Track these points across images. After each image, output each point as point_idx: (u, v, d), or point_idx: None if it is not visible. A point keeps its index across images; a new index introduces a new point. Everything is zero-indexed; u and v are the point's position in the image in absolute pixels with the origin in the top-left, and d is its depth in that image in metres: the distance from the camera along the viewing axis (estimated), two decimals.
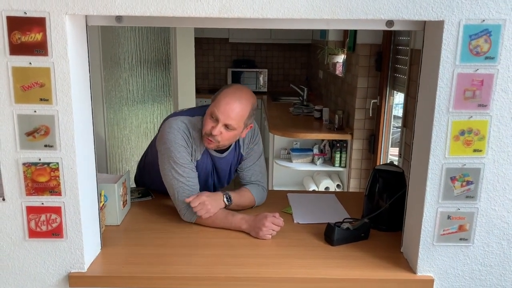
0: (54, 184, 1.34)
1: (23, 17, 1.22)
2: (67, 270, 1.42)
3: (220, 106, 1.65)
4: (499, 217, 1.39)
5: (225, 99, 1.65)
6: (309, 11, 1.24)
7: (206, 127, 1.68)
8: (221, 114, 1.64)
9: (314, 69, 5.82)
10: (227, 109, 1.64)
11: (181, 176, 1.71)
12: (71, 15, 1.25)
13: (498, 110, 1.30)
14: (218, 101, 1.67)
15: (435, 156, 1.33)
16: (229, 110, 1.64)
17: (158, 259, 1.48)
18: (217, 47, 6.34)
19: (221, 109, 1.64)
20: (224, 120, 1.65)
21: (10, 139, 1.31)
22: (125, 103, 3.25)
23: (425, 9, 1.23)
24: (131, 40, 3.21)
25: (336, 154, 3.70)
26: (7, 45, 1.23)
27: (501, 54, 1.26)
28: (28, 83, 1.27)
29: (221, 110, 1.64)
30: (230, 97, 1.66)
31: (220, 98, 1.67)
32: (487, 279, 1.44)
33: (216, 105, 1.66)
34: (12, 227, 1.38)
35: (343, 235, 1.59)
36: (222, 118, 1.64)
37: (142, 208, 1.89)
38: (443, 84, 1.28)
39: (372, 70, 3.39)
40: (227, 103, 1.65)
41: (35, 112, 1.29)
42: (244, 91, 1.71)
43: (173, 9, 1.23)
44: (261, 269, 1.44)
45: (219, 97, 1.68)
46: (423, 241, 1.40)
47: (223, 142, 1.71)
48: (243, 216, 1.69)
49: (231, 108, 1.64)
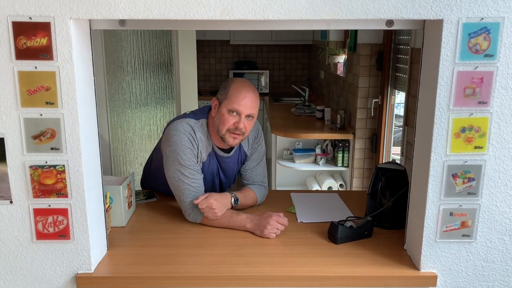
0: (60, 186, 1.36)
1: (28, 22, 1.24)
2: (74, 271, 1.44)
3: (239, 101, 1.70)
4: (501, 213, 1.40)
5: (241, 93, 1.71)
6: (310, 12, 1.26)
7: (228, 124, 1.72)
8: (242, 107, 1.70)
9: (315, 69, 5.83)
10: (246, 101, 1.70)
11: (187, 177, 1.72)
12: (75, 20, 1.27)
13: (498, 107, 1.31)
14: (232, 96, 1.71)
15: (437, 154, 1.35)
16: (248, 102, 1.71)
17: (164, 259, 1.49)
18: (219, 49, 6.36)
19: (241, 103, 1.70)
20: (246, 112, 1.71)
21: (17, 143, 1.33)
22: (128, 106, 3.27)
23: (424, 8, 1.25)
24: (134, 43, 3.24)
25: (339, 154, 3.71)
26: (13, 50, 1.26)
27: (500, 52, 1.27)
28: (34, 87, 1.29)
29: (242, 103, 1.70)
30: (244, 89, 1.72)
31: (234, 94, 1.71)
32: (490, 275, 1.45)
33: (233, 101, 1.70)
34: (20, 229, 1.40)
35: (346, 234, 1.60)
36: (244, 110, 1.70)
37: (147, 210, 1.90)
38: (443, 82, 1.29)
39: (373, 69, 3.40)
40: (245, 96, 1.70)
41: (41, 115, 1.31)
42: (248, 81, 1.80)
43: (176, 12, 1.25)
44: (266, 267, 1.45)
45: (231, 93, 1.71)
46: (426, 238, 1.41)
47: (247, 133, 1.77)
48: (248, 216, 1.70)
49: (250, 99, 1.71)
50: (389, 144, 3.38)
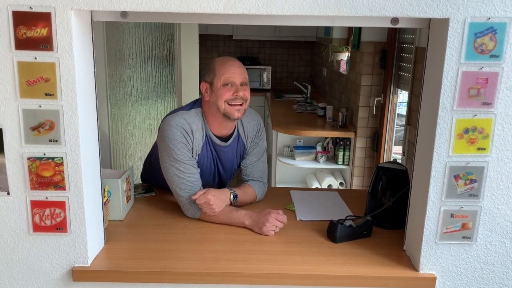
0: (58, 179, 1.35)
1: (28, 12, 1.23)
2: (71, 265, 1.43)
3: (229, 70, 1.72)
4: (502, 216, 1.38)
5: (227, 63, 1.74)
6: (314, 7, 1.24)
7: (227, 95, 1.72)
8: (235, 75, 1.72)
9: (318, 66, 5.81)
10: (235, 69, 1.73)
11: (182, 172, 1.71)
12: (76, 10, 1.25)
13: (503, 109, 1.30)
14: (221, 69, 1.72)
15: (439, 154, 1.33)
16: (237, 70, 1.73)
17: (161, 254, 1.48)
18: (221, 44, 6.34)
19: (231, 71, 1.72)
20: (239, 79, 1.73)
21: (15, 134, 1.32)
22: (129, 99, 3.26)
23: (430, 7, 1.23)
24: (136, 36, 3.22)
25: (340, 152, 3.69)
26: (12, 40, 1.24)
27: (506, 53, 1.25)
28: (33, 78, 1.27)
29: (232, 71, 1.72)
30: (230, 60, 1.75)
31: (222, 68, 1.73)
32: (490, 277, 1.44)
33: (223, 73, 1.72)
34: (17, 221, 1.39)
35: (345, 233, 1.59)
36: (237, 77, 1.72)
37: (146, 204, 1.90)
38: (447, 82, 1.28)
39: (377, 68, 3.38)
40: (232, 65, 1.73)
41: (40, 107, 1.30)
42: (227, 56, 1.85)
43: (178, 5, 1.24)
44: (263, 265, 1.44)
45: (219, 67, 1.73)
46: (426, 239, 1.40)
47: (248, 102, 1.78)
48: (247, 212, 1.69)
49: (238, 67, 1.74)
50: (391, 143, 3.37)
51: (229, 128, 1.83)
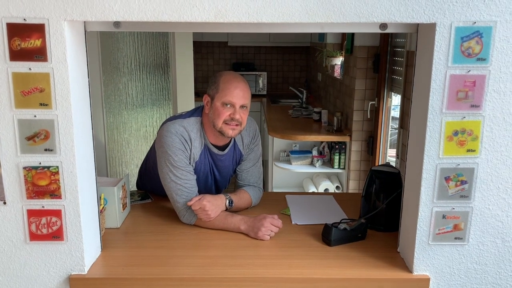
0: (54, 188, 1.36)
1: (22, 24, 1.24)
2: (67, 273, 1.44)
3: (232, 92, 1.72)
4: (493, 216, 1.40)
5: (232, 85, 1.73)
6: (303, 15, 1.26)
7: (224, 116, 1.73)
8: (235, 98, 1.72)
9: (313, 71, 5.84)
10: (239, 92, 1.73)
11: (179, 178, 1.73)
12: (69, 21, 1.27)
13: (491, 111, 1.32)
14: (224, 89, 1.73)
15: (429, 157, 1.35)
16: (240, 93, 1.73)
17: (158, 261, 1.49)
18: (216, 50, 6.36)
19: (233, 94, 1.72)
20: (239, 102, 1.73)
21: (11, 144, 1.33)
22: (124, 107, 3.27)
23: (417, 12, 1.26)
24: (130, 44, 3.24)
25: (335, 156, 3.71)
26: (7, 51, 1.26)
27: (493, 56, 1.28)
28: (28, 88, 1.29)
29: (234, 95, 1.72)
30: (235, 80, 1.75)
31: (225, 86, 1.73)
32: (483, 277, 1.46)
33: (225, 94, 1.72)
34: (13, 230, 1.40)
35: (340, 236, 1.60)
36: (237, 101, 1.73)
37: (142, 211, 1.91)
38: (436, 85, 1.30)
39: (370, 72, 3.41)
40: (236, 87, 1.73)
41: (35, 116, 1.31)
42: (236, 72, 1.83)
43: (170, 14, 1.26)
44: (259, 269, 1.45)
45: (222, 86, 1.74)
46: (419, 241, 1.42)
47: (244, 124, 1.79)
48: (242, 217, 1.70)
49: (242, 90, 1.74)
50: (386, 147, 3.39)
51: (225, 140, 1.85)
